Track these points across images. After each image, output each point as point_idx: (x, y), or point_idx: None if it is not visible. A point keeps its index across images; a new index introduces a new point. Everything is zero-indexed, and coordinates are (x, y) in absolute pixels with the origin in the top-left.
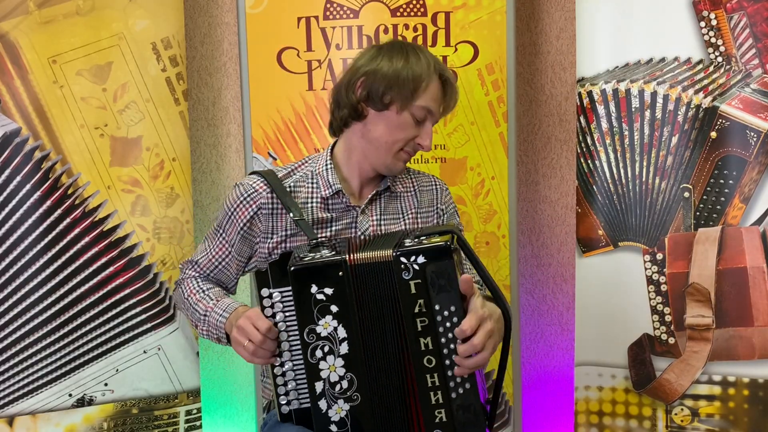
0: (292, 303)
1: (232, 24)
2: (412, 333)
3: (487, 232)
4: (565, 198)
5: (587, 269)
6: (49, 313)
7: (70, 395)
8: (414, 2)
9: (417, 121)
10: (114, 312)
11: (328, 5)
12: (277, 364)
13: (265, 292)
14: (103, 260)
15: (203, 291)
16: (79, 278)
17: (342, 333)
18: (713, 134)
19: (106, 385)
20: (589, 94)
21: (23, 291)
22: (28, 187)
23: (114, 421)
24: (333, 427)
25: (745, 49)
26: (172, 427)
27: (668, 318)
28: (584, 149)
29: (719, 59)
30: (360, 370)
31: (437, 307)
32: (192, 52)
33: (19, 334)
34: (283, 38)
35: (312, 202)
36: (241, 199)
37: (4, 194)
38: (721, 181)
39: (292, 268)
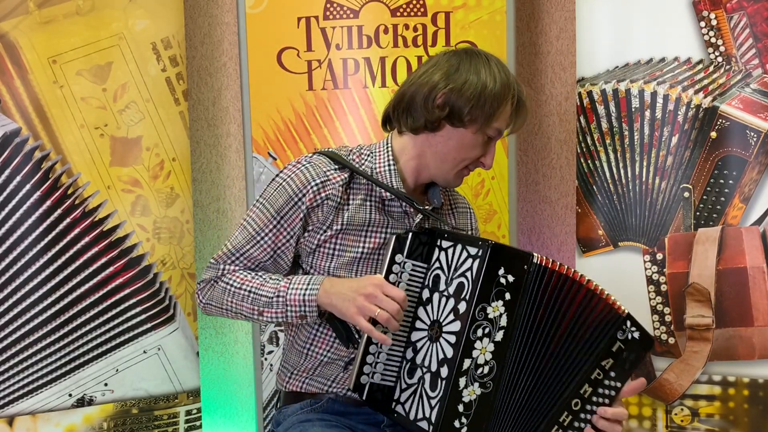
0: (415, 279)
1: (232, 24)
2: (583, 376)
3: (487, 232)
4: (565, 198)
5: (587, 269)
6: (49, 313)
7: (70, 395)
8: (414, 2)
9: (488, 140)
10: (114, 312)
11: (328, 5)
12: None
13: (399, 258)
14: (103, 260)
15: (261, 277)
16: (79, 278)
17: (503, 321)
18: (713, 134)
19: (106, 385)
20: (589, 94)
21: (23, 291)
22: (28, 187)
23: (114, 421)
24: (460, 407)
25: (745, 49)
26: (172, 427)
27: (668, 318)
28: (584, 149)
29: (719, 59)
30: (502, 361)
31: (612, 374)
32: (192, 52)
33: (19, 334)
34: (283, 38)
35: (370, 201)
36: (312, 184)
37: (4, 194)
38: (721, 181)
39: (491, 245)
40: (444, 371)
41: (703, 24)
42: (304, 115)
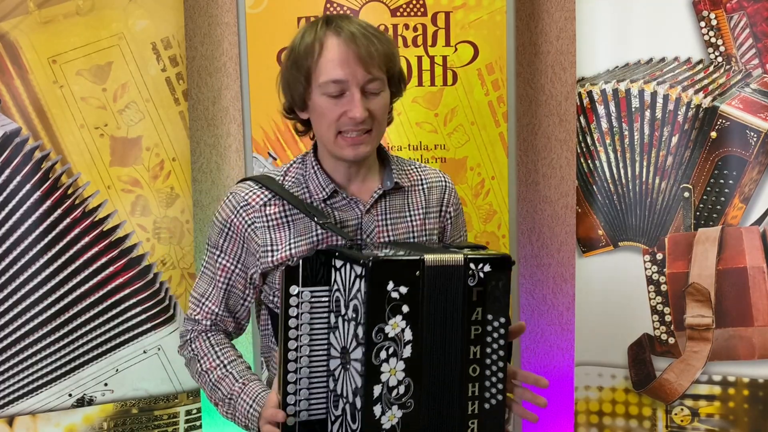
0: (321, 305)
1: (232, 24)
2: (466, 340)
3: (487, 232)
4: (565, 198)
5: (587, 269)
6: (49, 313)
7: (70, 395)
8: (414, 2)
9: (335, 98)
10: (114, 312)
11: (328, 5)
12: (291, 370)
13: (293, 289)
14: (103, 260)
15: (224, 364)
16: (79, 278)
17: (408, 335)
18: (713, 134)
19: (106, 385)
20: (589, 94)
21: (23, 291)
22: (28, 187)
23: (114, 421)
24: None
25: (745, 49)
26: (172, 427)
27: (668, 318)
28: (584, 149)
29: (719, 59)
30: (418, 375)
31: (489, 317)
32: (192, 52)
33: (19, 334)
34: (283, 38)
35: (310, 207)
36: (234, 212)
37: (4, 194)
38: (721, 181)
39: (371, 262)
40: (358, 402)
41: (703, 24)
42: None
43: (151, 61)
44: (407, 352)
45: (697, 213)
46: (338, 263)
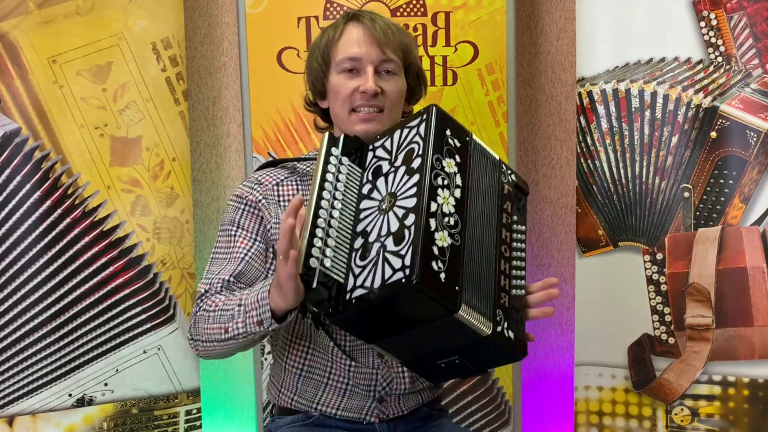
0: (353, 178)
1: (232, 24)
2: (499, 220)
3: None
4: (565, 198)
5: (587, 269)
6: (49, 313)
7: (70, 395)
8: (414, 2)
9: (349, 73)
10: (114, 312)
11: (328, 5)
12: (320, 225)
13: (335, 151)
14: (103, 260)
15: (233, 295)
16: (79, 278)
17: (458, 180)
18: (713, 134)
19: (106, 385)
20: (589, 94)
21: (23, 291)
22: (28, 187)
23: (114, 421)
24: (434, 249)
25: (745, 49)
26: (172, 427)
27: (668, 318)
28: (584, 149)
29: (719, 59)
30: (464, 218)
31: (515, 217)
32: (192, 52)
33: (19, 334)
34: (283, 38)
35: None
36: (248, 191)
37: (4, 194)
38: (721, 181)
39: (435, 107)
40: (409, 219)
41: (703, 24)
42: (304, 115)
43: (151, 61)
44: (457, 193)
45: (697, 213)
46: (378, 142)
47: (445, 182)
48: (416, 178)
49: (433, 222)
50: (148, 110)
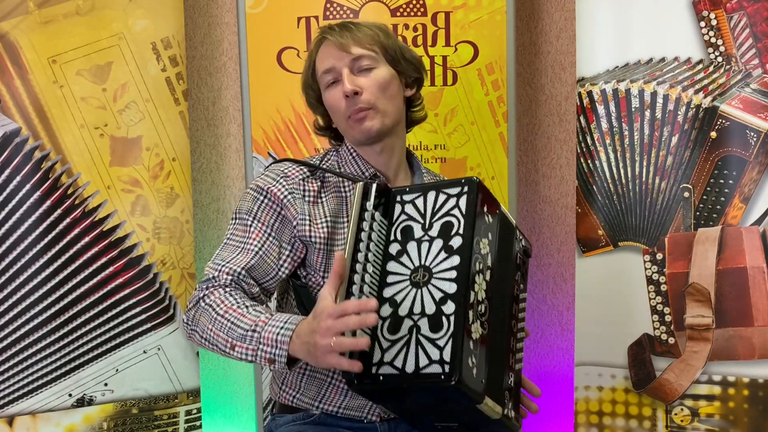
0: (382, 234)
1: (232, 24)
2: (512, 297)
3: None
4: (565, 198)
5: (587, 269)
6: (49, 313)
7: (70, 395)
8: (414, 2)
9: (332, 85)
10: (114, 312)
11: (328, 5)
12: (356, 282)
13: (368, 205)
14: (103, 260)
15: (245, 306)
16: (79, 278)
17: (489, 261)
18: (713, 134)
19: (106, 385)
20: (589, 94)
21: (23, 291)
22: (28, 187)
23: (114, 421)
24: (470, 344)
25: (745, 49)
26: (172, 427)
27: (668, 318)
28: (584, 149)
29: (719, 59)
30: (491, 303)
31: (521, 286)
32: (192, 52)
33: (19, 334)
34: (283, 38)
35: (344, 191)
36: (273, 183)
37: (4, 194)
38: (721, 181)
39: (477, 181)
40: (448, 308)
41: (703, 24)
42: (304, 115)
43: (151, 61)
44: (488, 275)
45: (697, 213)
46: (408, 197)
47: (481, 266)
48: (456, 260)
49: (471, 314)
50: (148, 110)
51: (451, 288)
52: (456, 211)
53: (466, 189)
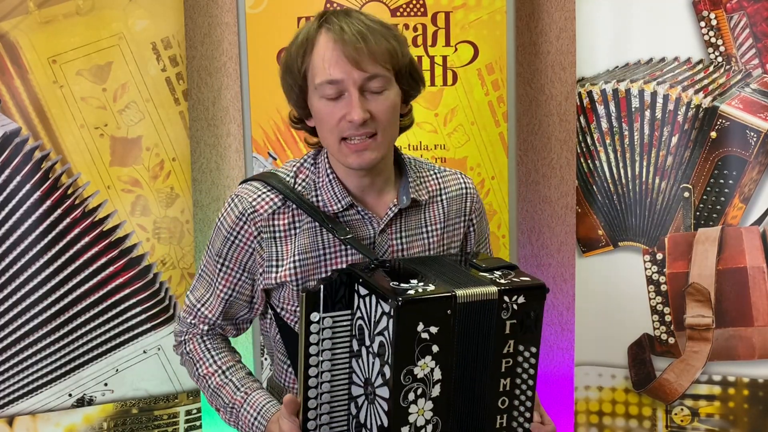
0: (342, 329)
1: (232, 24)
2: (496, 373)
3: None
4: (565, 198)
5: (587, 269)
6: (49, 313)
7: (70, 395)
8: (414, 2)
9: (333, 100)
10: (114, 312)
11: (328, 5)
12: (312, 397)
13: (314, 316)
14: (103, 260)
15: (222, 371)
16: (79, 278)
17: (437, 375)
18: (713, 134)
19: (106, 385)
20: (589, 94)
21: (23, 291)
22: (28, 187)
23: (114, 421)
24: None
25: (745, 49)
26: (172, 427)
27: (668, 318)
28: (584, 149)
29: (719, 59)
30: (446, 414)
31: (521, 348)
32: (192, 52)
33: (19, 334)
34: (283, 38)
35: (320, 219)
36: (242, 220)
37: (4, 194)
38: (721, 181)
39: (400, 303)
40: None
41: (703, 24)
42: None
43: (151, 61)
44: (436, 391)
45: (697, 213)
46: (362, 291)
47: (419, 392)
48: (386, 392)
49: None
50: (148, 110)
51: (385, 421)
52: (386, 333)
53: (391, 312)
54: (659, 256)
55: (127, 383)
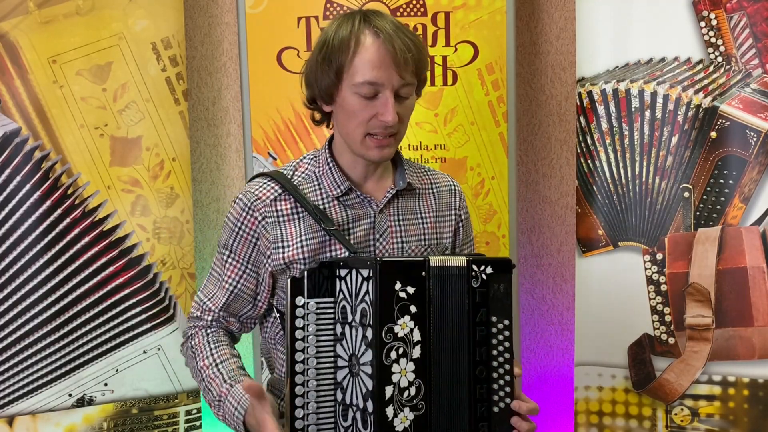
0: (326, 316)
1: (232, 24)
2: (471, 341)
3: (487, 232)
4: (565, 198)
5: (587, 269)
6: (49, 313)
7: (70, 395)
8: (414, 2)
9: (367, 99)
10: (114, 312)
11: (328, 5)
12: (299, 383)
13: (299, 300)
14: (103, 260)
15: (216, 364)
16: (79, 278)
17: (417, 336)
18: (713, 134)
19: (106, 385)
20: (589, 94)
21: (23, 291)
22: (28, 187)
23: (114, 421)
24: None
25: (745, 49)
26: (172, 427)
27: (668, 318)
28: (584, 149)
29: (719, 59)
30: (428, 377)
31: (494, 319)
32: (192, 52)
33: (19, 334)
34: (283, 38)
35: (326, 205)
36: (246, 210)
37: (4, 194)
38: (721, 181)
39: (379, 262)
40: (370, 406)
41: (703, 24)
42: (304, 115)
43: (151, 61)
44: (416, 352)
45: (697, 213)
46: (343, 272)
47: (401, 351)
48: (369, 355)
49: (390, 410)
50: (148, 110)
51: (369, 384)
52: (367, 297)
53: (370, 273)
54: (659, 256)
55: (127, 383)
